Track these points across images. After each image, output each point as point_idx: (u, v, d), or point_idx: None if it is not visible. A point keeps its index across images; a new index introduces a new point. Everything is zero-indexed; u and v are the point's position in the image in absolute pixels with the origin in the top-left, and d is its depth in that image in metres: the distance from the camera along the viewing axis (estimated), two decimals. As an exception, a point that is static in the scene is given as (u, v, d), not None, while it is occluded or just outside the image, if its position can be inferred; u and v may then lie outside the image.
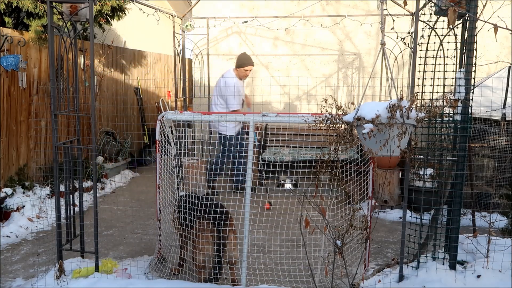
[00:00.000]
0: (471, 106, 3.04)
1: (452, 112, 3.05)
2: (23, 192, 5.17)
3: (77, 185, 3.70)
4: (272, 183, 5.93)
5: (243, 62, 5.86)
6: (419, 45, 3.15)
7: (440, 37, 3.06)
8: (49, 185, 5.53)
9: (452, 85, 3.11)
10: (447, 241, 3.14)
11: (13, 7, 5.46)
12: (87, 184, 5.90)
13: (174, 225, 3.63)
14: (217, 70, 7.34)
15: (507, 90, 4.96)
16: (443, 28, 3.04)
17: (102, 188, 6.33)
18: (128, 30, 9.36)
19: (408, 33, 6.16)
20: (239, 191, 5.24)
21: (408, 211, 3.63)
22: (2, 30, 5.17)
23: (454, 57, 3.11)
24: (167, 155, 3.88)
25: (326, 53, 7.21)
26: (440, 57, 3.10)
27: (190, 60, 9.07)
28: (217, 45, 7.39)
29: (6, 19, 5.72)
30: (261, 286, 3.30)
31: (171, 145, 3.96)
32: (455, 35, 3.04)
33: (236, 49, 7.36)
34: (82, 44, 5.77)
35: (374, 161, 3.37)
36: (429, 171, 4.44)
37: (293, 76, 7.23)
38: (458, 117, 3.03)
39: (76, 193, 3.67)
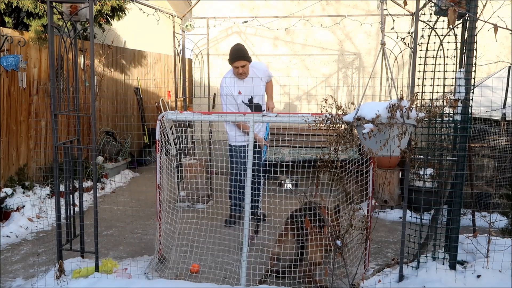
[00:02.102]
0: (471, 106, 3.04)
1: (452, 112, 3.05)
2: (23, 192, 5.17)
3: (77, 185, 3.70)
4: (273, 183, 5.91)
5: (229, 58, 4.64)
6: (419, 45, 3.15)
7: (440, 37, 3.06)
8: (49, 185, 5.53)
9: (452, 85, 3.11)
10: (447, 241, 3.14)
11: (13, 7, 5.46)
12: (87, 184, 5.90)
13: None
14: (217, 70, 7.34)
15: (507, 90, 4.95)
16: (443, 28, 3.04)
17: (102, 188, 6.33)
18: (128, 30, 9.36)
19: (408, 33, 6.16)
20: (230, 223, 4.65)
21: (408, 211, 3.63)
22: (2, 30, 5.17)
23: (454, 57, 3.11)
24: (167, 155, 3.88)
25: (326, 53, 7.21)
26: (440, 57, 3.10)
27: (190, 60, 9.07)
28: (217, 45, 7.39)
29: (6, 19, 5.72)
30: (261, 286, 3.30)
31: (171, 145, 3.96)
32: (455, 35, 3.04)
33: (236, 49, 7.37)
34: (82, 44, 5.77)
35: (374, 161, 3.37)
36: (429, 171, 4.44)
37: (293, 76, 7.23)
38: (458, 117, 3.03)
39: (76, 193, 3.67)
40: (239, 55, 4.53)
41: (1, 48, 5.08)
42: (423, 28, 3.50)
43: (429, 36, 3.10)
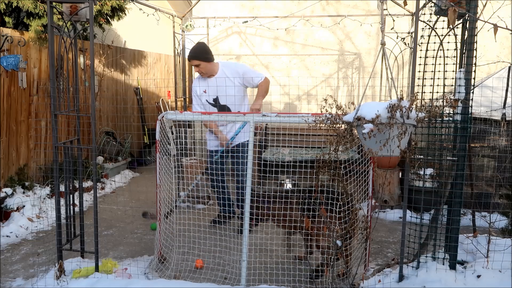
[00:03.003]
0: (471, 106, 3.04)
1: (452, 112, 3.05)
2: (23, 192, 5.17)
3: (77, 185, 3.70)
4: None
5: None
6: (419, 45, 3.15)
7: (440, 37, 3.06)
8: (49, 185, 5.53)
9: (452, 85, 3.11)
10: (447, 241, 3.14)
11: (13, 7, 5.46)
12: (87, 184, 5.90)
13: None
14: (217, 70, 7.33)
15: (507, 90, 4.95)
16: (443, 28, 3.04)
17: (102, 188, 6.34)
18: (128, 30, 9.35)
19: (408, 33, 6.16)
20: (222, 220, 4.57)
21: (408, 211, 3.63)
22: (2, 30, 5.17)
23: (454, 57, 3.11)
24: (167, 155, 3.88)
25: (326, 53, 7.21)
26: (440, 57, 3.10)
27: (190, 60, 9.05)
28: (217, 45, 7.39)
29: (6, 19, 5.72)
30: (261, 286, 3.30)
31: (171, 145, 3.96)
32: (455, 35, 3.04)
33: (236, 49, 7.37)
34: (82, 44, 5.77)
35: (374, 161, 3.37)
36: (429, 171, 4.44)
37: (293, 76, 7.24)
38: (458, 117, 3.03)
39: (76, 193, 3.67)
40: (191, 55, 4.48)
41: (1, 48, 5.08)
42: (423, 28, 3.49)
43: (429, 36, 3.09)
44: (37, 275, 3.57)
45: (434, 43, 3.08)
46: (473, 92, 3.04)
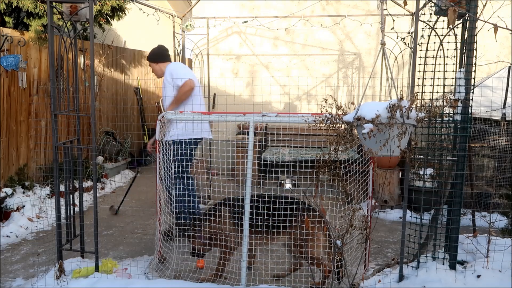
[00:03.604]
0: (471, 106, 3.04)
1: (452, 112, 3.05)
2: (23, 192, 5.17)
3: (77, 185, 3.70)
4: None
5: None
6: (419, 45, 3.15)
7: (440, 37, 3.06)
8: (49, 185, 5.53)
9: (452, 85, 3.11)
10: (447, 241, 3.14)
11: (13, 7, 5.47)
12: (87, 184, 5.90)
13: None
14: (217, 70, 7.34)
15: (507, 90, 4.95)
16: (443, 28, 3.04)
17: (102, 188, 6.34)
18: (128, 30, 9.36)
19: (408, 33, 6.16)
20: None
21: (408, 211, 3.63)
22: (2, 30, 5.17)
23: (454, 57, 3.11)
24: (167, 155, 3.88)
25: (326, 53, 7.21)
26: (440, 57, 3.10)
27: (190, 60, 9.06)
28: (217, 45, 7.39)
29: (6, 18, 5.72)
30: (261, 286, 3.30)
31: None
32: (455, 35, 3.04)
33: (236, 49, 7.37)
34: (82, 44, 5.77)
35: (374, 161, 3.37)
36: (429, 171, 4.44)
37: (293, 76, 7.23)
38: (458, 117, 3.03)
39: (76, 193, 3.67)
40: (147, 56, 4.69)
41: (1, 48, 5.08)
42: (423, 28, 3.50)
43: (429, 36, 3.09)
44: (37, 275, 3.57)
45: (434, 43, 3.08)
46: (473, 92, 3.04)
